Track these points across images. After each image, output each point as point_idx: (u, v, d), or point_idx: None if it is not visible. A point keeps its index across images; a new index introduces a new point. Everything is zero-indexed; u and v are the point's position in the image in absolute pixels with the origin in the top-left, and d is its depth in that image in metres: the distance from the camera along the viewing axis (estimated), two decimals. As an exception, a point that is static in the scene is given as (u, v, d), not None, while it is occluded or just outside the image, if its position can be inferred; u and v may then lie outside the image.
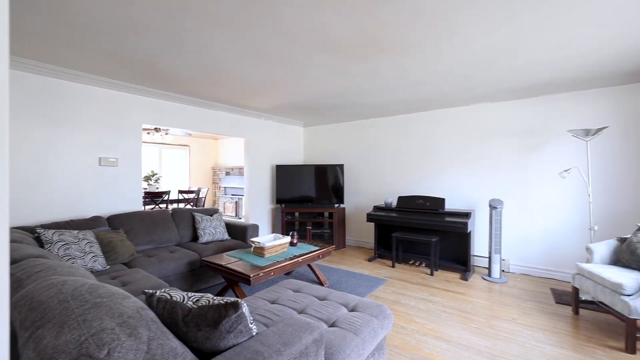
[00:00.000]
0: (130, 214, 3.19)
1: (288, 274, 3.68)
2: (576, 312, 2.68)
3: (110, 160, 3.28)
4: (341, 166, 5.03)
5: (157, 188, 5.30)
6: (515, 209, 3.83)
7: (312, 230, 5.11)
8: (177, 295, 1.15)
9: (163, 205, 5.17)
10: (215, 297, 1.16)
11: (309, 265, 3.35)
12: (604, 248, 2.66)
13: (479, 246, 4.09)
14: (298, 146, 5.87)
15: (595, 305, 2.78)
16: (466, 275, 3.61)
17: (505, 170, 3.89)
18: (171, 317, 1.06)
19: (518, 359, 2.04)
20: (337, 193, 5.04)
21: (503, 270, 3.86)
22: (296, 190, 5.04)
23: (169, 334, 0.97)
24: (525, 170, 3.76)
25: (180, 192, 4.88)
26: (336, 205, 5.05)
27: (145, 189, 5.24)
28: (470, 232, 3.70)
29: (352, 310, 1.79)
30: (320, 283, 3.35)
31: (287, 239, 3.09)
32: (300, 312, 1.75)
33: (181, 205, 5.61)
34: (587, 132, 2.98)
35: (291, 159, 5.67)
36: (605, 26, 2.01)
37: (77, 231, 2.50)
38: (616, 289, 2.18)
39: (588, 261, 2.69)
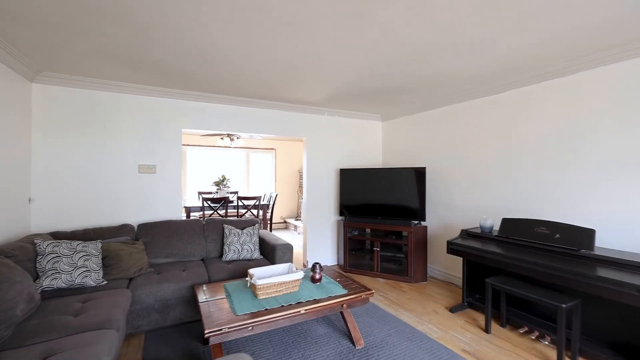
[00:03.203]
0: (155, 223, 3.03)
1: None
2: None
3: (148, 167, 3.23)
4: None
5: (234, 193, 5.19)
6: None
7: (380, 253, 3.98)
8: None
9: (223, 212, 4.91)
10: None
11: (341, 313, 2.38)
12: None
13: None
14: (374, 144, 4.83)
15: None
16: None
17: None
18: None
19: None
20: (414, 208, 3.75)
21: None
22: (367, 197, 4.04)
23: None
24: None
25: (240, 198, 4.62)
26: (414, 222, 3.77)
27: (215, 193, 5.25)
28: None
29: None
30: (352, 341, 2.32)
31: (300, 274, 2.22)
32: None
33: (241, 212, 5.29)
34: None
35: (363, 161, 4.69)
36: None
37: (79, 242, 2.39)
38: None
39: None
